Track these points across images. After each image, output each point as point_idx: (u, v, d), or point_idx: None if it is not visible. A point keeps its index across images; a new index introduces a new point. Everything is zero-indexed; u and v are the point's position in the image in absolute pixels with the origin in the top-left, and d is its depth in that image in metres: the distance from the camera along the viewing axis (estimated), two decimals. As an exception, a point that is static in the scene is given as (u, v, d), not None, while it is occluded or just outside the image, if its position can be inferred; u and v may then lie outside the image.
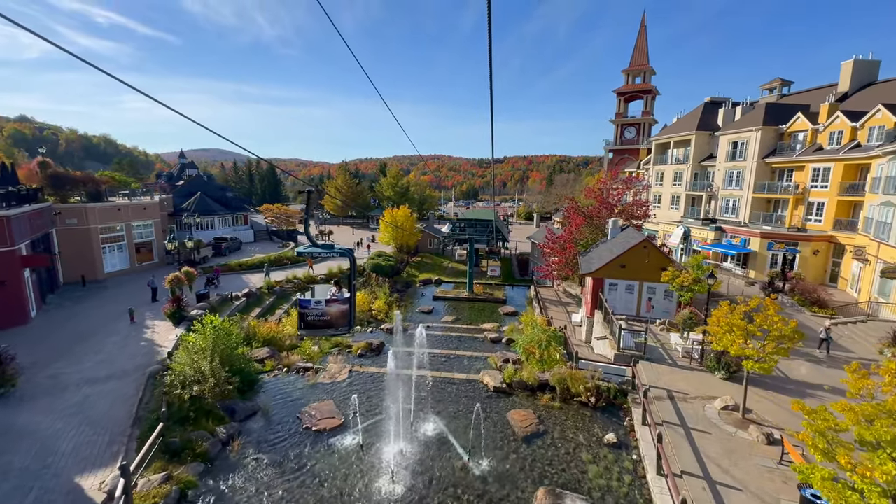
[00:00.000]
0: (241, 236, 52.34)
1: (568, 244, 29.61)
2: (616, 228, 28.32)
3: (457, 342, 25.32)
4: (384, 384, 16.34)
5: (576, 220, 30.22)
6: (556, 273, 31.81)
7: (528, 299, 40.73)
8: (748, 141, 38.28)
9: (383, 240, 55.37)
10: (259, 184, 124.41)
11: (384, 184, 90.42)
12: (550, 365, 17.45)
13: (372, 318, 31.77)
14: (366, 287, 39.03)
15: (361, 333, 26.54)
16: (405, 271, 51.10)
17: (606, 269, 23.12)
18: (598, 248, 28.20)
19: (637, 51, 66.66)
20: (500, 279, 48.28)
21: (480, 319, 34.45)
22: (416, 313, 36.27)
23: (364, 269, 43.37)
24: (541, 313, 31.83)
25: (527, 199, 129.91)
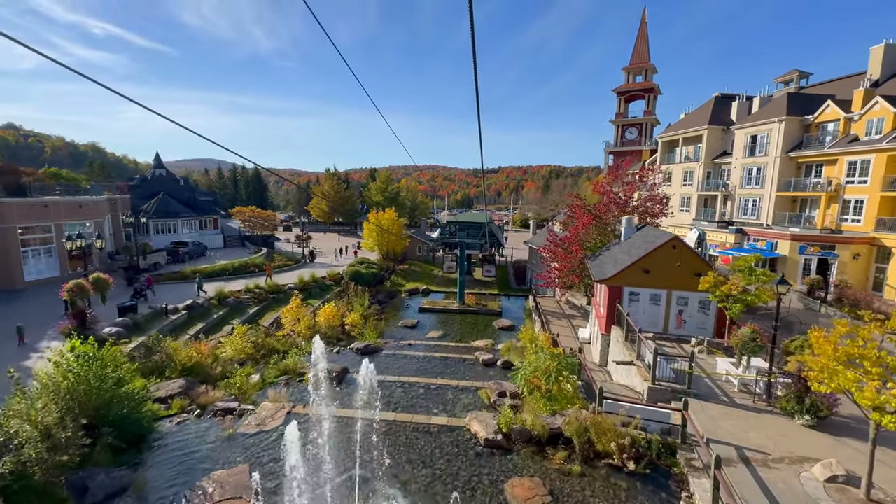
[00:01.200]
0: (208, 241, 47.39)
1: (573, 246, 25.17)
2: (631, 227, 23.93)
3: (441, 366, 20.55)
4: (329, 434, 11.56)
5: (582, 220, 25.85)
6: (559, 281, 27.29)
7: (525, 311, 36.07)
8: (769, 134, 34.38)
9: (367, 245, 50.67)
10: (244, 189, 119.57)
11: (373, 188, 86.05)
12: (562, 403, 12.77)
13: (343, 334, 26.90)
14: (342, 298, 34.19)
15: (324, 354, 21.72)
16: (390, 280, 46.37)
17: (626, 274, 18.60)
18: (611, 250, 23.75)
19: (638, 48, 63.42)
20: (494, 289, 43.64)
21: (472, 335, 29.67)
22: (398, 328, 31.44)
23: (342, 277, 38.56)
24: (542, 328, 27.16)
25: (522, 208, 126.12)
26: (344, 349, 22.38)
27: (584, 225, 25.88)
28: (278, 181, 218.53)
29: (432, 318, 34.04)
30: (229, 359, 18.11)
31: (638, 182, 26.94)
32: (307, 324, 24.35)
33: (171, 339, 19.09)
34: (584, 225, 25.88)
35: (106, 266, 32.02)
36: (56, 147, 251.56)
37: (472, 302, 36.58)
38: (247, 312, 26.83)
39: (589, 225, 26.03)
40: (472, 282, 45.98)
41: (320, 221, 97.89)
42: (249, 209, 51.87)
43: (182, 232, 45.43)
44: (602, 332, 19.65)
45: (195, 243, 41.65)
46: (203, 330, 22.88)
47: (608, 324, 19.31)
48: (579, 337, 25.91)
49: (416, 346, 25.66)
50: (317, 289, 34.79)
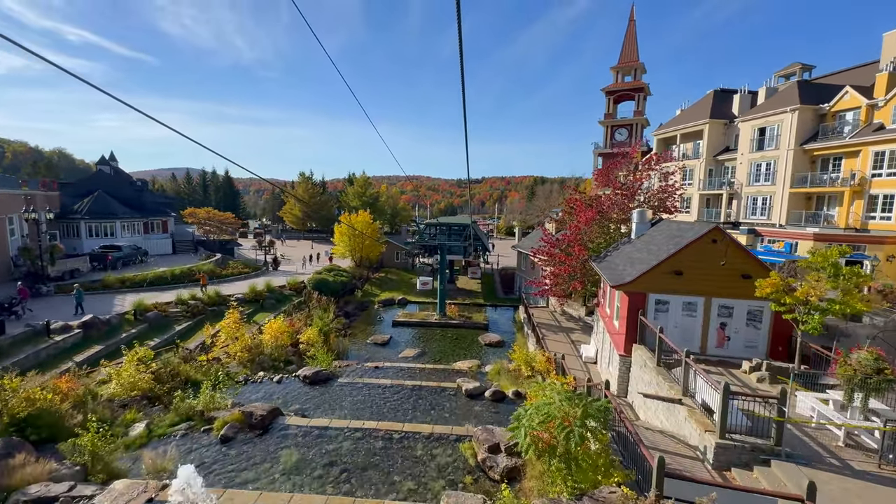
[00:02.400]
0: (155, 246, 41.48)
1: (575, 247, 20.90)
2: (644, 222, 19.82)
3: (412, 400, 15.70)
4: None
5: (584, 214, 21.70)
6: (556, 288, 22.90)
7: (516, 324, 31.58)
8: (780, 125, 31.25)
9: (338, 251, 45.57)
10: (214, 195, 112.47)
11: (350, 193, 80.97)
12: (590, 476, 8.14)
13: (296, 355, 21.76)
14: (301, 310, 28.99)
15: (261, 384, 16.56)
16: (363, 289, 41.29)
17: (651, 278, 14.29)
18: (620, 250, 19.55)
19: (626, 46, 61.00)
20: (480, 298, 39.06)
21: (454, 354, 24.91)
22: (366, 346, 26.42)
23: (304, 286, 33.36)
24: (538, 345, 22.64)
25: (507, 216, 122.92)
26: (288, 377, 17.29)
27: (586, 220, 21.70)
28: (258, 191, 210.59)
29: (408, 333, 29.14)
30: (111, 398, 12.85)
31: (646, 171, 23.02)
32: (244, 344, 19.17)
33: (38, 369, 13.71)
34: (587, 220, 21.70)
35: (5, 272, 26.09)
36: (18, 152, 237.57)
37: (454, 314, 31.88)
38: (172, 329, 21.45)
39: (592, 221, 21.88)
40: (455, 291, 41.33)
41: (295, 229, 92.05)
42: (204, 210, 46.17)
43: (122, 235, 39.44)
44: (620, 352, 15.20)
45: (133, 247, 35.79)
46: (102, 354, 17.45)
47: (628, 341, 14.89)
48: (582, 355, 21.50)
49: (384, 369, 20.73)
50: (272, 300, 29.50)
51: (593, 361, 21.00)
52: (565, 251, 22.28)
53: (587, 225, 21.53)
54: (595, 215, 21.80)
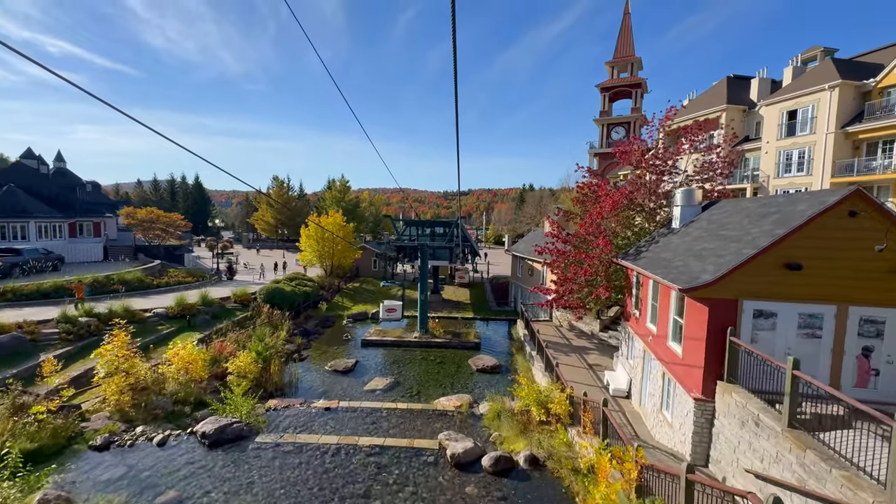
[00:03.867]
0: (81, 251, 34.71)
1: (600, 239, 15.46)
2: (692, 205, 14.59)
3: (368, 475, 9.82)
4: None
5: (609, 200, 16.40)
6: (571, 298, 17.33)
7: (513, 342, 25.91)
8: (816, 106, 26.95)
9: (304, 258, 39.40)
10: (182, 203, 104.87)
11: (328, 198, 74.91)
12: None
13: (217, 391, 15.57)
14: (245, 327, 22.76)
15: (130, 448, 10.45)
16: (333, 301, 35.17)
17: (747, 275, 8.89)
18: (662, 242, 14.26)
19: (621, 41, 57.48)
20: (469, 311, 33.35)
21: (436, 385, 19.05)
22: (323, 374, 20.32)
23: (254, 297, 27.14)
24: (547, 372, 17.02)
25: (495, 225, 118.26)
26: (181, 435, 11.23)
27: (612, 206, 16.38)
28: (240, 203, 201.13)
29: (380, 357, 23.15)
30: None
31: (687, 145, 17.89)
32: (126, 383, 12.99)
33: None
34: (612, 206, 16.39)
35: None
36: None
37: (438, 330, 26.04)
38: (34, 358, 15.03)
39: (618, 207, 16.62)
40: (440, 303, 35.55)
41: (268, 237, 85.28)
42: (145, 211, 39.55)
43: (36, 238, 32.62)
44: (695, 393, 9.64)
45: (41, 252, 29.06)
46: None
47: (709, 377, 9.37)
48: (609, 386, 15.93)
49: (337, 413, 14.77)
50: (206, 316, 23.21)
51: (625, 395, 15.45)
52: (584, 247, 16.87)
53: (612, 212, 16.28)
54: (623, 199, 16.58)
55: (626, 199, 16.78)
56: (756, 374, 8.41)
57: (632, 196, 17.01)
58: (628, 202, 16.90)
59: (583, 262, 16.42)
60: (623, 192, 16.81)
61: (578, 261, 16.71)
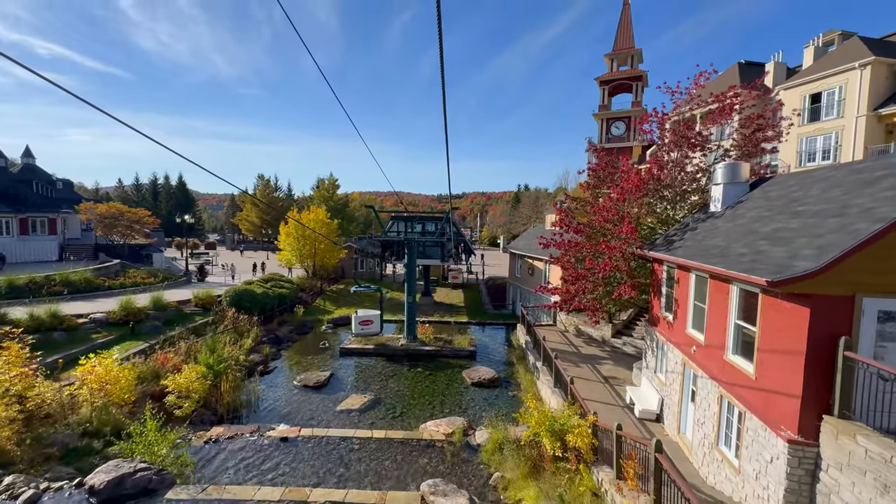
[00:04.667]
0: (32, 250, 31.20)
1: (624, 225, 12.55)
2: (738, 182, 11.81)
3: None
4: None
5: (632, 179, 13.53)
6: (586, 299, 14.41)
7: (513, 350, 22.90)
8: (845, 87, 24.52)
9: (283, 257, 36.20)
10: (165, 203, 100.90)
11: (315, 197, 71.56)
12: None
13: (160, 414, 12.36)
14: (202, 334, 19.52)
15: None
16: (314, 304, 32.04)
17: (873, 258, 5.96)
18: (703, 228, 11.44)
19: (621, 32, 55.19)
20: (463, 315, 30.35)
21: (424, 402, 16.00)
22: (290, 390, 17.14)
23: (218, 300, 23.90)
24: (557, 388, 14.09)
25: (490, 225, 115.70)
26: (65, 490, 8.11)
27: (636, 186, 13.51)
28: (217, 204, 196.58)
29: (360, 368, 20.04)
30: None
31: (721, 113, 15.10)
32: (4, 413, 9.77)
33: None
34: (636, 186, 13.53)
35: None
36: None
37: (428, 336, 22.98)
38: None
39: (643, 189, 13.79)
40: (431, 306, 32.53)
41: (254, 239, 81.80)
42: (106, 205, 36.01)
43: (-22, 235, 29.12)
44: (787, 432, 6.70)
45: (-24, 250, 25.61)
46: None
47: (809, 410, 6.45)
48: (634, 407, 13.04)
49: (296, 444, 11.69)
50: (156, 321, 19.95)
51: (654, 418, 12.54)
52: (599, 238, 13.95)
53: (636, 194, 13.44)
54: (652, 177, 13.75)
55: (653, 178, 13.94)
56: (887, 405, 5.52)
57: (659, 175, 14.17)
58: (656, 182, 14.07)
59: (601, 255, 13.52)
60: (651, 170, 13.97)
61: (595, 253, 13.80)
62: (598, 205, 14.48)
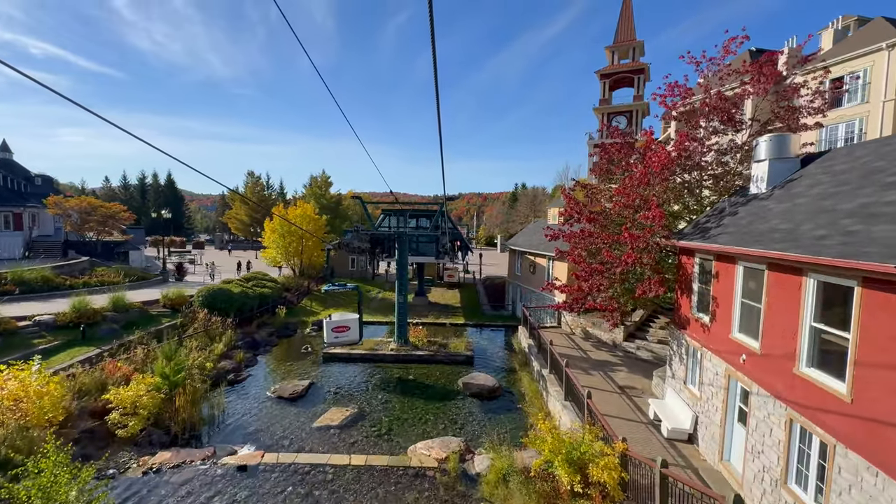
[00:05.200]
0: None
1: (653, 208, 10.60)
2: (787, 157, 9.89)
3: None
4: None
5: (658, 157, 11.60)
6: (603, 298, 12.45)
7: (515, 355, 20.88)
8: (870, 70, 22.82)
9: (268, 255, 34.05)
10: (153, 202, 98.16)
11: (307, 194, 69.25)
12: None
13: (88, 438, 10.26)
14: (165, 338, 17.36)
15: None
16: (300, 305, 29.92)
17: None
18: (744, 213, 9.51)
19: (622, 24, 53.54)
20: (459, 316, 28.30)
21: (414, 417, 13.95)
22: (265, 402, 15.01)
23: (191, 303, 21.72)
24: (569, 403, 12.10)
25: (487, 224, 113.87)
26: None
27: (661, 163, 11.59)
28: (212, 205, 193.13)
29: (344, 375, 17.94)
30: None
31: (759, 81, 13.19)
32: None
33: None
34: (663, 163, 11.60)
35: None
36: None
37: (421, 340, 20.91)
38: None
39: (670, 167, 11.90)
40: (425, 307, 30.47)
41: (243, 238, 79.45)
42: (77, 199, 33.64)
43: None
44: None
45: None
46: None
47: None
48: (663, 425, 11.08)
49: (255, 475, 9.64)
50: (114, 325, 17.76)
51: (686, 438, 10.57)
52: (615, 228, 12.01)
53: (662, 174, 11.52)
54: (682, 152, 11.82)
55: (681, 156, 11.99)
56: None
57: (687, 150, 12.20)
58: (685, 160, 12.13)
59: (620, 247, 11.56)
60: (680, 145, 12.00)
61: (613, 244, 11.84)
62: (618, 187, 12.52)
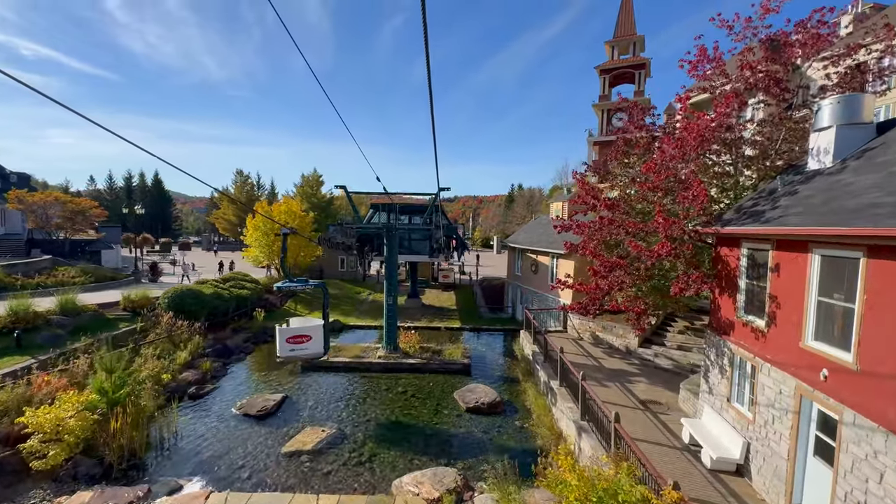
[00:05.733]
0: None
1: (695, 186, 8.68)
2: (860, 123, 7.97)
3: None
4: None
5: (696, 129, 9.68)
6: (627, 297, 10.47)
7: (518, 362, 18.85)
8: (897, 53, 21.12)
9: (250, 255, 31.86)
10: (139, 202, 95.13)
11: (298, 193, 67.03)
12: None
13: None
14: (121, 345, 15.14)
15: None
16: (282, 307, 27.76)
17: None
18: (804, 193, 7.56)
19: (622, 18, 52.10)
20: (455, 319, 26.24)
21: (402, 441, 11.84)
22: (229, 420, 12.83)
23: (156, 306, 19.49)
24: (589, 426, 10.05)
25: (482, 227, 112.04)
26: None
27: (699, 134, 9.68)
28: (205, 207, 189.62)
29: (324, 387, 15.82)
30: None
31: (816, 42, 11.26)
32: None
33: None
34: (701, 135, 9.70)
35: None
36: None
37: (413, 346, 18.82)
38: None
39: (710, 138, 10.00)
40: (418, 310, 28.41)
41: (232, 239, 76.91)
42: (41, 194, 31.21)
43: None
44: None
45: None
46: None
47: None
48: (703, 452, 9.12)
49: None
50: (59, 330, 15.52)
51: (734, 469, 8.62)
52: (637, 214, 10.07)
53: (701, 146, 9.62)
54: (729, 115, 9.89)
55: (722, 125, 10.05)
56: None
57: (729, 119, 10.25)
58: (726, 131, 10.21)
59: (649, 236, 9.63)
60: (723, 108, 10.06)
61: (637, 233, 9.88)
62: (648, 163, 10.57)
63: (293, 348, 12.55)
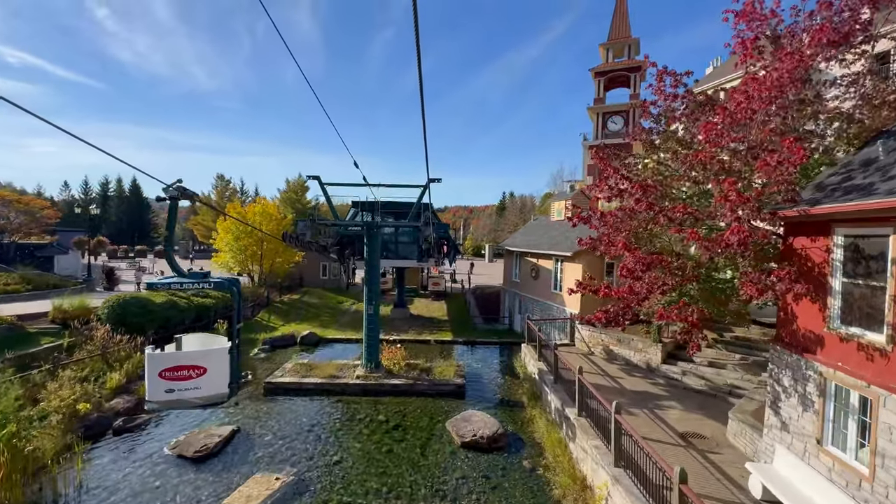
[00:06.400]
0: None
1: (785, 145, 6.43)
2: None
3: None
4: None
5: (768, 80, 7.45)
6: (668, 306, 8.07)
7: (515, 380, 16.24)
8: (923, 40, 19.56)
9: (221, 260, 28.89)
10: (115, 209, 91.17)
11: (282, 199, 64.10)
12: None
13: None
14: (51, 360, 12.20)
15: None
16: (254, 318, 24.85)
17: None
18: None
19: (616, 20, 50.95)
20: (446, 332, 23.57)
21: (381, 486, 9.06)
22: (158, 463, 9.91)
23: (99, 317, 16.49)
24: (620, 468, 7.40)
25: (474, 235, 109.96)
26: None
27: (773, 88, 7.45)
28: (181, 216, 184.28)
29: (290, 415, 13.00)
30: None
31: None
32: None
33: None
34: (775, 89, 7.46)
35: None
36: None
37: (398, 364, 16.08)
38: None
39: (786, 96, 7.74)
40: (405, 320, 25.70)
41: (206, 244, 73.38)
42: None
43: None
44: None
45: None
46: None
47: None
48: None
49: None
50: None
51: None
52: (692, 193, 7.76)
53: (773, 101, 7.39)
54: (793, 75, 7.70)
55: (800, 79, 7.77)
56: None
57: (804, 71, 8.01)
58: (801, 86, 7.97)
59: (700, 223, 7.30)
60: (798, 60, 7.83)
61: (685, 220, 7.52)
62: (706, 122, 8.30)
63: (172, 388, 7.23)
